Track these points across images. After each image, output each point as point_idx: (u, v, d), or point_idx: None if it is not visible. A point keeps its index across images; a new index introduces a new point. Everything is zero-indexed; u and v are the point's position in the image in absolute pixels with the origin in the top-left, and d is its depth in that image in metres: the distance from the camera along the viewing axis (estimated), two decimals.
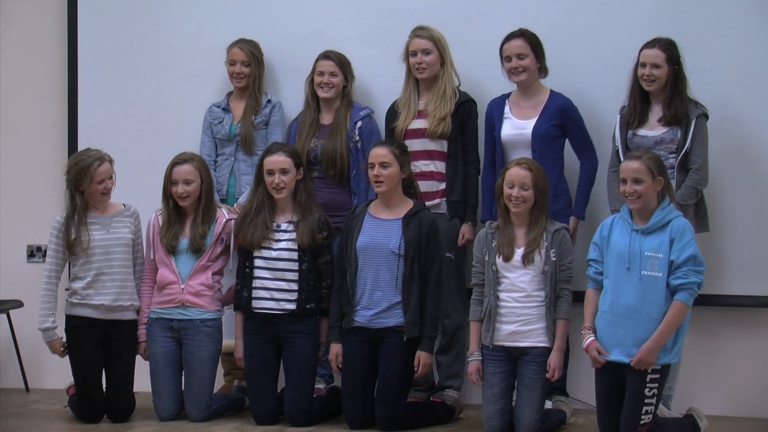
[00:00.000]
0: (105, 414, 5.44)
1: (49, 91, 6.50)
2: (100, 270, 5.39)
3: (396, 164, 5.21)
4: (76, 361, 5.41)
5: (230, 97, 5.99)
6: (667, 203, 4.75)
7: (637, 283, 4.67)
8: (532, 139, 5.38)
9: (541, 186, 4.98)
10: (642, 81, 5.19)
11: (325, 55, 5.74)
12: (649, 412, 4.65)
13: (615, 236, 4.78)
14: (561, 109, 5.40)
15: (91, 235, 5.38)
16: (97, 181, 5.38)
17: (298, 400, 5.28)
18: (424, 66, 5.56)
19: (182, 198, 5.44)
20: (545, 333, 4.96)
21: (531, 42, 5.41)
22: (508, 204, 4.98)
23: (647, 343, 4.62)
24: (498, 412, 5.00)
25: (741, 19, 5.51)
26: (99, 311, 5.38)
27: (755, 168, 5.47)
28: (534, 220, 4.98)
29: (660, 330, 4.62)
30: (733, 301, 5.52)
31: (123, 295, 5.42)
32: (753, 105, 5.46)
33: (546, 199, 5.02)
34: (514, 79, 5.46)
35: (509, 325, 4.99)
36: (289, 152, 5.40)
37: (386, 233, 5.21)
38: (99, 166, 5.38)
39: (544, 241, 4.96)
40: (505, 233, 5.01)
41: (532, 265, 4.96)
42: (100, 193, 5.41)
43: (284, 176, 5.34)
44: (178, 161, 5.47)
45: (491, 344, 5.00)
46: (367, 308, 5.20)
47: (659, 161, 4.79)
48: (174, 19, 6.28)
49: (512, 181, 4.97)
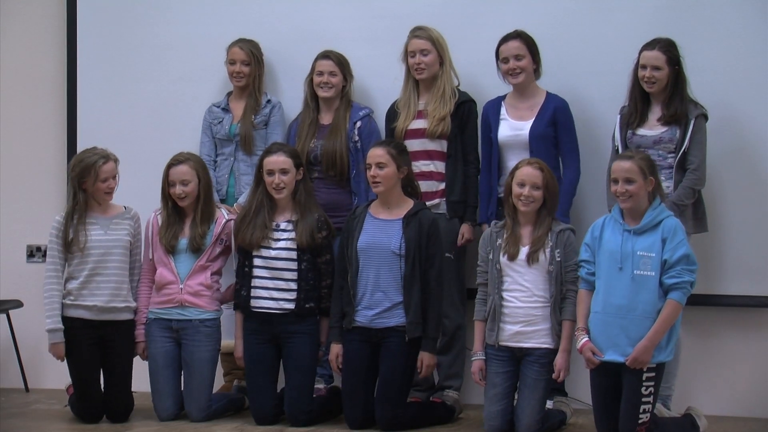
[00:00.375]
0: (104, 414, 5.44)
1: (49, 91, 6.50)
2: (95, 270, 5.38)
3: (393, 164, 5.20)
4: (73, 362, 5.40)
5: (230, 97, 5.99)
6: (658, 203, 4.75)
7: (630, 282, 4.68)
8: (530, 140, 5.38)
9: (551, 187, 4.97)
10: (643, 83, 5.19)
11: (324, 55, 5.74)
12: (646, 411, 4.65)
13: (607, 237, 4.78)
14: (556, 111, 5.40)
15: (88, 235, 5.38)
16: (101, 179, 5.38)
17: (298, 400, 5.28)
18: (422, 66, 5.56)
19: (180, 198, 5.44)
20: (549, 334, 4.95)
21: (528, 43, 5.41)
22: (517, 203, 4.97)
23: (642, 342, 4.62)
24: (499, 412, 5.00)
25: (740, 19, 5.50)
26: (92, 312, 5.38)
27: (755, 168, 5.47)
28: (541, 219, 4.98)
29: (654, 329, 4.62)
30: (732, 301, 5.52)
31: (117, 296, 5.41)
32: (753, 105, 5.45)
33: (555, 201, 5.02)
34: (511, 81, 5.46)
35: (513, 325, 4.98)
36: (289, 152, 5.40)
37: (387, 234, 5.21)
38: (104, 164, 5.38)
39: (549, 241, 4.95)
40: (512, 233, 5.00)
41: (537, 265, 4.95)
42: (104, 192, 5.41)
43: (284, 176, 5.34)
44: (174, 162, 5.47)
45: (496, 343, 4.99)
46: (368, 308, 5.20)
47: (650, 161, 4.80)
48: (174, 19, 6.27)
49: (523, 180, 4.95)
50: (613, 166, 4.79)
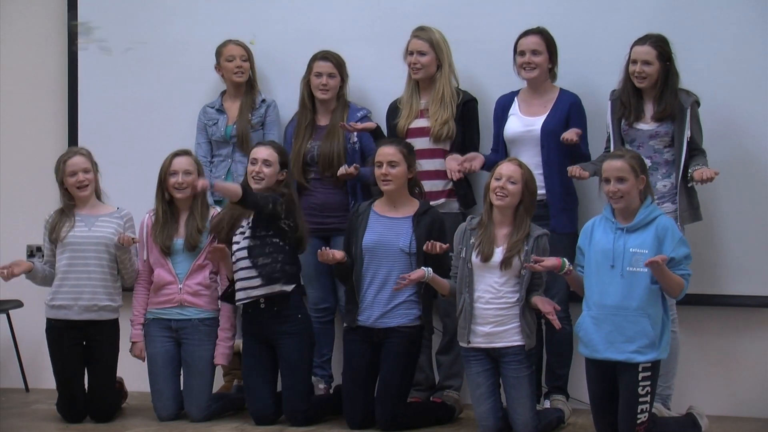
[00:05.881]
0: (87, 414, 5.45)
1: (50, 91, 6.50)
2: (72, 267, 5.39)
3: (404, 163, 5.21)
4: (55, 362, 5.43)
5: (223, 97, 5.98)
6: (650, 201, 4.75)
7: (621, 279, 4.67)
8: (542, 136, 5.37)
9: (530, 186, 4.96)
10: (633, 78, 5.19)
11: (323, 56, 5.72)
12: (644, 411, 4.65)
13: (598, 236, 4.78)
14: (571, 107, 5.39)
15: (71, 231, 5.38)
16: (68, 173, 5.40)
17: (294, 399, 5.29)
18: (418, 66, 5.56)
19: (180, 189, 5.43)
20: (519, 332, 4.94)
21: (547, 41, 5.40)
22: (492, 197, 4.95)
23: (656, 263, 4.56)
24: (490, 411, 5.00)
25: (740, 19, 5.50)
26: (74, 311, 5.38)
27: (754, 167, 5.47)
28: (518, 222, 4.95)
29: (665, 272, 4.58)
30: (732, 301, 5.51)
31: (99, 294, 5.41)
32: (751, 105, 5.45)
33: (533, 202, 4.99)
34: (524, 75, 5.44)
35: (484, 326, 4.98)
36: (277, 149, 5.40)
37: (394, 232, 5.21)
38: (69, 159, 5.42)
39: (525, 245, 4.94)
40: (486, 232, 4.98)
41: (510, 269, 4.95)
42: (75, 187, 5.41)
43: (266, 168, 5.32)
44: (179, 152, 5.49)
45: (468, 343, 4.99)
46: (371, 308, 5.20)
47: (641, 160, 4.81)
48: (173, 19, 6.28)
49: (500, 174, 4.95)
50: (604, 166, 4.78)
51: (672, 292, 4.68)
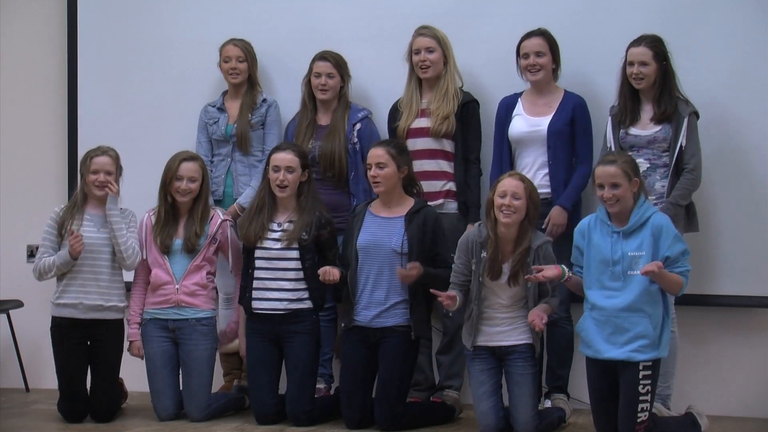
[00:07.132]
0: (88, 413, 5.45)
1: (49, 90, 6.50)
2: (83, 267, 5.38)
3: (393, 164, 5.20)
4: (58, 360, 5.42)
5: (225, 97, 5.98)
6: (643, 201, 4.75)
7: (621, 284, 4.68)
8: (548, 136, 5.37)
9: (533, 198, 4.95)
10: (631, 79, 5.19)
11: (322, 56, 5.72)
12: (645, 410, 4.65)
13: (596, 240, 4.77)
14: (575, 108, 5.39)
15: (78, 230, 5.36)
16: (91, 170, 5.40)
17: (299, 399, 5.28)
18: (427, 64, 5.55)
19: (183, 194, 5.44)
20: (527, 330, 4.95)
21: (550, 42, 5.41)
22: (498, 214, 4.94)
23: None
24: (491, 409, 5.00)
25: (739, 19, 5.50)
26: (79, 310, 5.38)
27: (749, 168, 5.46)
28: (522, 234, 4.95)
29: (662, 276, 4.59)
30: (731, 302, 5.51)
31: (105, 294, 5.41)
32: (747, 105, 5.44)
33: (536, 213, 4.99)
34: (529, 78, 5.44)
35: (492, 327, 5.00)
36: (297, 152, 5.39)
37: (387, 231, 5.21)
38: (96, 156, 5.42)
39: (528, 257, 4.93)
40: (494, 249, 4.96)
41: (517, 284, 4.96)
42: (93, 185, 5.41)
43: (289, 174, 5.33)
44: (187, 158, 5.48)
45: (473, 347, 5.00)
46: (367, 308, 5.21)
47: (633, 163, 4.81)
48: (173, 19, 6.27)
49: (504, 191, 4.93)
50: (597, 172, 4.77)
51: (672, 291, 4.69)
